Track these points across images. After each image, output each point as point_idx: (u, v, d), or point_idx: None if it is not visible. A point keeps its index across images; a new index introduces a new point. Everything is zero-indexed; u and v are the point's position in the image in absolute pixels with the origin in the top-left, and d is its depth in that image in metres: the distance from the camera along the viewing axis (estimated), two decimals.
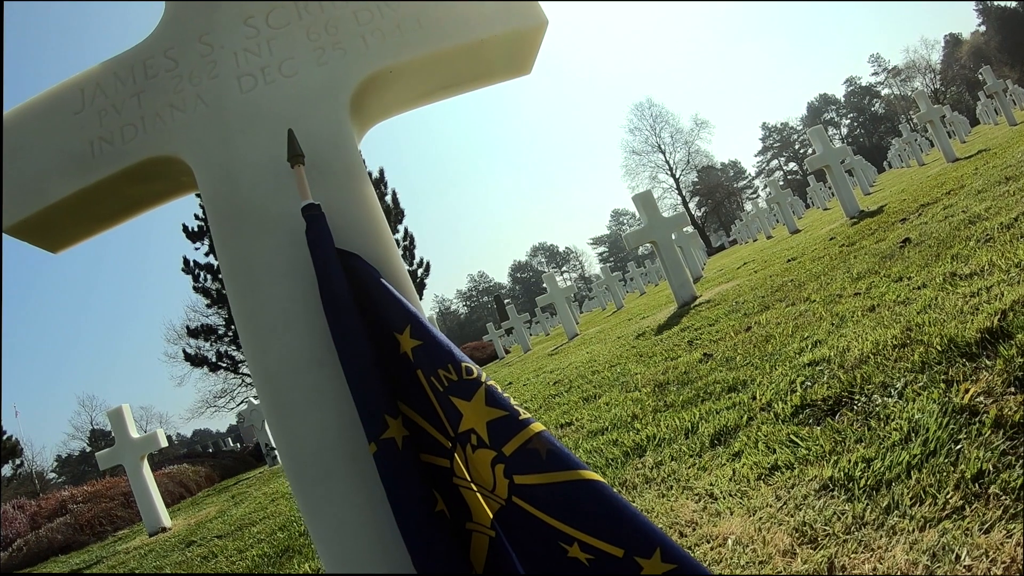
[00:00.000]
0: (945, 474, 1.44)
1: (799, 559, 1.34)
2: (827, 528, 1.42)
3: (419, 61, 1.39)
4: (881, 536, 1.31)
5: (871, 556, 1.25)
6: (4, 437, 36.93)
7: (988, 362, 2.03)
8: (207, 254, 21.79)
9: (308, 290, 1.20)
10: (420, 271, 25.05)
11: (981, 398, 1.80)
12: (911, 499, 1.39)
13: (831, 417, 2.13)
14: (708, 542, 1.57)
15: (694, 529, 1.68)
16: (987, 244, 3.79)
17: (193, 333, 23.38)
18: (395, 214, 23.71)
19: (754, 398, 2.68)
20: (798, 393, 2.44)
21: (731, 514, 1.68)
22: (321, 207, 1.18)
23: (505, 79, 1.60)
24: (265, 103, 1.34)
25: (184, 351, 24.29)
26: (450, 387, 1.06)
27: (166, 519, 8.81)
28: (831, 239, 8.18)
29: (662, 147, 66.97)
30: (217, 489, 14.53)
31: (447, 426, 1.06)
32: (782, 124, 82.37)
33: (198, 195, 1.52)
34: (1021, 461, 1.41)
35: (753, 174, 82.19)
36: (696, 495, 1.91)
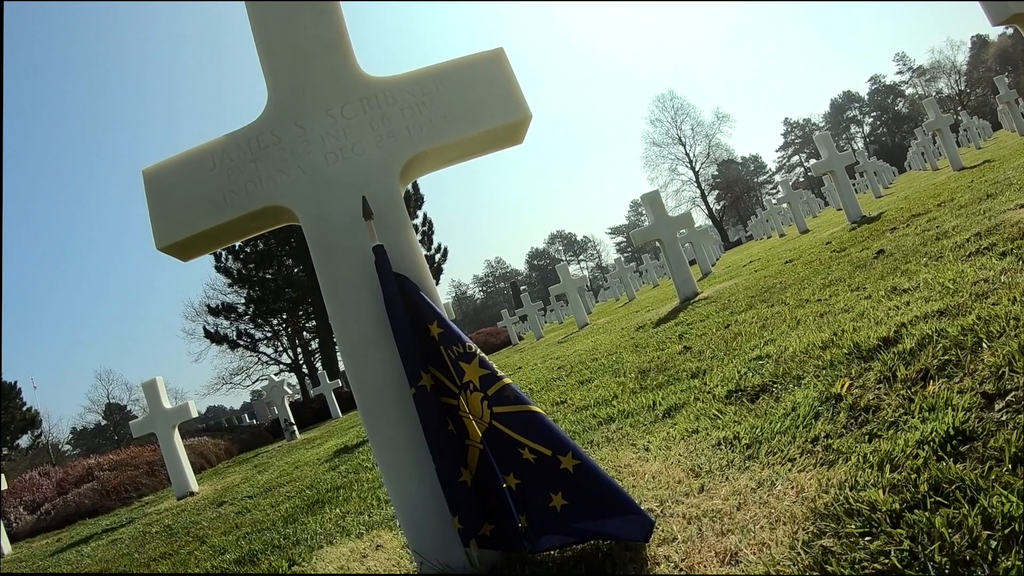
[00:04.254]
0: (795, 437, 2.14)
1: (683, 484, 2.07)
2: (708, 467, 2.15)
3: (445, 145, 2.13)
4: (738, 472, 2.03)
5: (726, 483, 1.98)
6: (24, 409, 38.09)
7: (875, 363, 2.70)
8: None
9: (375, 297, 1.98)
10: (438, 257, 25.83)
11: (856, 389, 2.48)
12: (766, 452, 2.11)
13: (752, 400, 2.83)
14: (634, 476, 2.31)
15: (628, 469, 2.42)
16: (935, 262, 4.36)
17: (214, 312, 24.39)
18: (414, 200, 24.47)
19: (705, 383, 3.39)
20: (735, 380, 3.15)
21: (654, 460, 2.42)
22: (384, 246, 1.93)
23: (503, 148, 2.33)
24: (344, 173, 2.09)
25: (204, 328, 25.35)
26: (459, 356, 1.82)
27: (194, 484, 9.50)
28: (827, 243, 8.77)
29: (682, 139, 67.41)
30: (237, 461, 15.34)
31: (456, 379, 1.83)
32: (804, 120, 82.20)
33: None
34: (853, 432, 2.10)
35: (774, 169, 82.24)
36: (636, 449, 2.66)
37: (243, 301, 24.48)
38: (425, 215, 26.42)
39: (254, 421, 31.53)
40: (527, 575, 1.78)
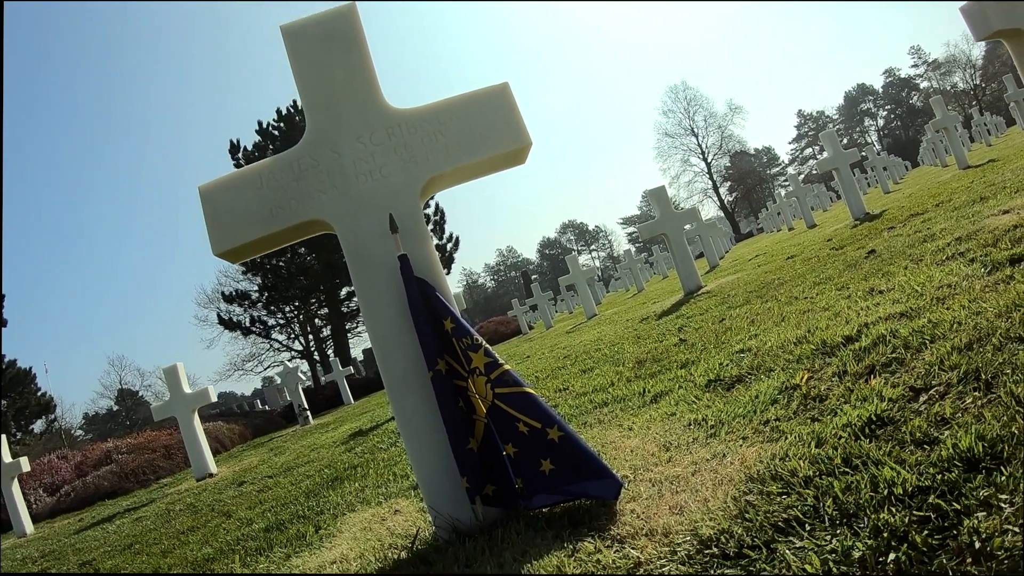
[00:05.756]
0: (752, 420, 2.56)
1: (655, 456, 2.51)
2: (677, 443, 2.59)
3: (458, 168, 2.56)
4: (700, 447, 2.46)
5: (689, 454, 2.41)
6: (39, 394, 38.63)
7: (834, 359, 3.07)
8: None
9: (399, 297, 2.45)
10: (449, 246, 26.27)
11: (813, 381, 2.86)
12: (726, 431, 2.53)
13: (728, 389, 3.24)
14: (616, 450, 2.76)
15: (612, 444, 2.87)
16: (915, 264, 4.63)
17: (228, 299, 24.99)
18: None
19: (690, 373, 3.80)
20: (715, 371, 3.56)
21: (635, 437, 2.86)
22: (407, 255, 2.36)
23: (508, 168, 2.75)
24: (374, 193, 2.52)
25: (218, 315, 25.96)
26: (467, 347, 2.28)
27: (213, 466, 9.89)
28: (828, 240, 9.09)
29: (695, 130, 67.67)
30: (252, 445, 15.78)
31: (465, 365, 2.28)
32: (818, 112, 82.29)
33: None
34: (799, 417, 2.50)
35: (787, 161, 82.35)
36: (622, 428, 3.11)
37: (256, 288, 25.19)
38: (437, 204, 26.93)
39: (265, 407, 32.20)
40: (522, 527, 2.21)
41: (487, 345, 2.34)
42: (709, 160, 68.24)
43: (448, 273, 29.28)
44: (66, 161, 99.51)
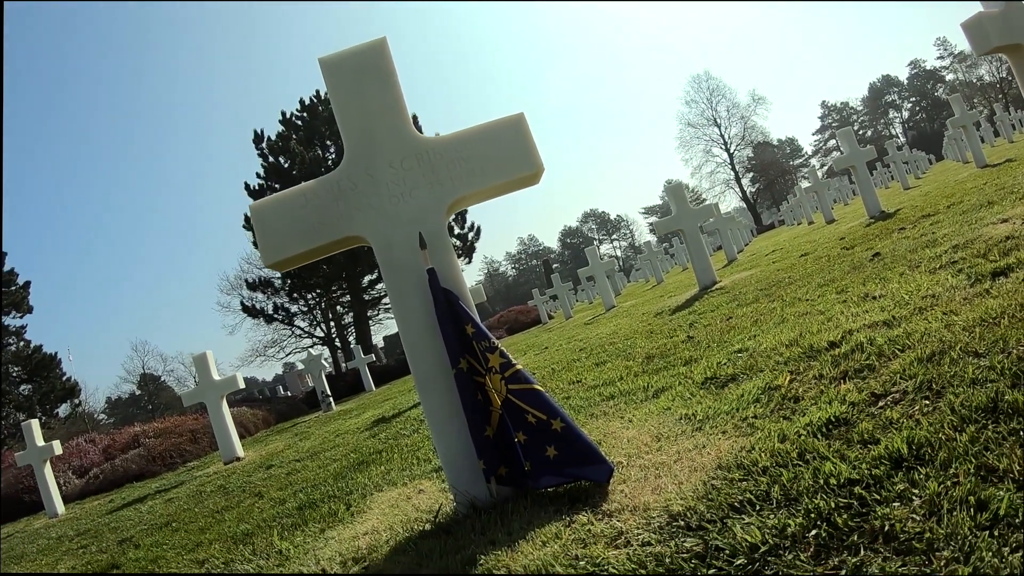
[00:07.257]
0: (734, 416, 2.94)
1: (647, 446, 2.91)
2: (668, 434, 2.98)
3: (479, 190, 2.97)
4: (686, 439, 2.85)
5: (676, 445, 2.80)
6: (64, 379, 39.54)
7: (815, 363, 3.38)
8: None
9: (427, 304, 2.88)
10: (471, 235, 26.69)
11: (794, 383, 3.21)
12: (711, 426, 2.91)
13: (721, 387, 3.60)
14: (615, 439, 3.17)
15: (612, 435, 3.28)
16: (911, 271, 4.77)
17: (252, 286, 25.66)
18: None
19: (691, 371, 4.17)
20: (713, 370, 3.92)
21: (633, 429, 3.26)
22: (435, 268, 2.77)
23: (524, 188, 3.13)
24: (404, 212, 2.94)
25: (241, 302, 26.68)
26: (485, 348, 2.73)
27: (240, 450, 10.34)
28: (841, 239, 9.33)
29: (717, 121, 67.47)
30: (276, 430, 16.24)
31: (483, 364, 2.74)
32: (842, 104, 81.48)
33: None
34: (775, 415, 2.86)
35: (810, 152, 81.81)
36: (623, 420, 3.52)
37: (279, 276, 25.84)
38: None
39: (287, 393, 32.93)
40: (529, 503, 2.64)
41: (502, 347, 2.76)
42: (731, 151, 68.32)
43: (469, 262, 29.83)
44: (92, 150, 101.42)
